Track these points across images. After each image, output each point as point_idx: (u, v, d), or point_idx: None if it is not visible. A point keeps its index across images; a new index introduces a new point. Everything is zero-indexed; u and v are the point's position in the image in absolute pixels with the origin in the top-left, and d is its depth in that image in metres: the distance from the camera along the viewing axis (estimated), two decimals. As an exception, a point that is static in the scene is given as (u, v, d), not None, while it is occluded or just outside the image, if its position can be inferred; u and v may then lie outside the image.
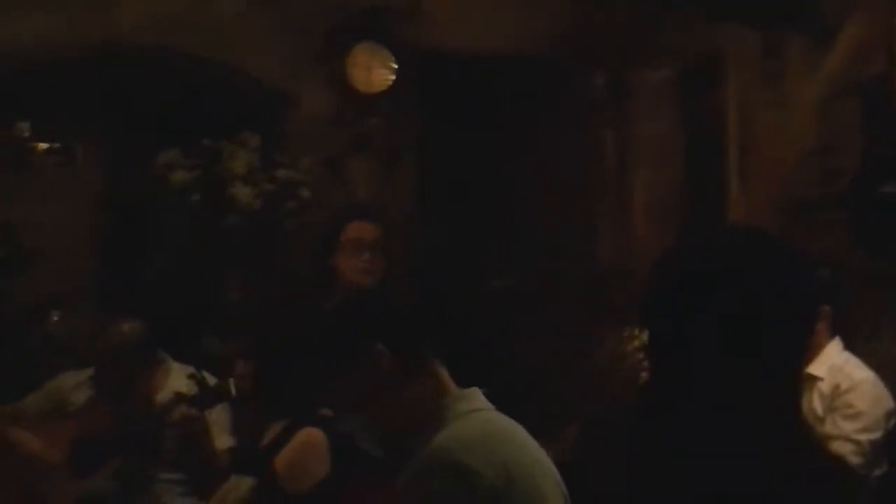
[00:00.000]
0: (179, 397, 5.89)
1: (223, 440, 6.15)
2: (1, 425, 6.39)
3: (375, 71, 8.47)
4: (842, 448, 5.47)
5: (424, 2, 8.61)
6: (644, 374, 6.36)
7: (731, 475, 2.56)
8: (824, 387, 5.81)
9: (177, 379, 6.22)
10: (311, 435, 5.17)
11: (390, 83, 8.48)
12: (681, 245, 3.06)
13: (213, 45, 8.37)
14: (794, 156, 6.90)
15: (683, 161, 8.17)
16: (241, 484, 5.25)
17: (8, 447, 6.30)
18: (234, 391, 5.73)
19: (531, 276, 9.16)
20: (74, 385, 6.51)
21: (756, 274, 2.66)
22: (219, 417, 6.13)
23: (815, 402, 5.74)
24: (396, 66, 8.48)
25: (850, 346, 6.04)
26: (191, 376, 6.02)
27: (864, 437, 5.73)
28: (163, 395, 6.15)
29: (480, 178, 9.22)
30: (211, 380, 5.95)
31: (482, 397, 3.86)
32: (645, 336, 6.96)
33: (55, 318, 7.84)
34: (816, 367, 5.74)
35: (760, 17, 7.04)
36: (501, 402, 3.94)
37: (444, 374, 3.86)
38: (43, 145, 8.42)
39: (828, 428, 5.65)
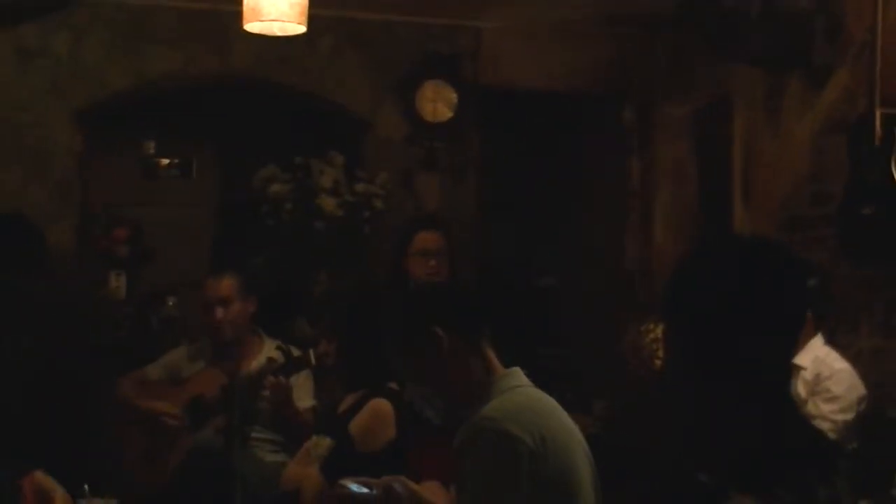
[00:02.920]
0: (271, 361, 5.98)
1: (306, 401, 6.23)
2: (130, 391, 6.48)
3: (439, 104, 8.50)
4: (821, 425, 5.45)
5: (485, 46, 8.63)
6: (657, 362, 6.36)
7: (737, 435, 2.58)
8: (807, 375, 5.80)
9: (269, 350, 6.32)
10: (381, 404, 5.19)
11: (450, 116, 8.50)
12: (697, 252, 3.07)
13: (308, 79, 8.43)
14: (790, 181, 6.88)
15: (697, 182, 8.16)
16: (322, 443, 5.27)
17: (137, 409, 6.39)
18: (313, 360, 5.79)
19: (571, 276, 9.17)
20: (187, 356, 6.59)
21: (761, 278, 2.67)
22: (303, 383, 6.21)
23: (799, 388, 5.73)
24: (457, 101, 8.50)
25: (834, 338, 6.03)
26: (278, 348, 6.10)
27: (839, 417, 5.73)
28: (257, 362, 6.23)
29: (530, 193, 9.24)
30: (295, 352, 6.02)
31: (523, 376, 3.89)
32: (659, 330, 6.94)
33: (170, 303, 7.89)
34: (801, 359, 5.73)
35: (764, 63, 7.03)
36: (542, 380, 3.96)
37: (493, 355, 3.89)
38: (165, 160, 8.50)
39: (809, 409, 5.65)
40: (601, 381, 8.08)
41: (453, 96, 8.52)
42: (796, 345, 2.84)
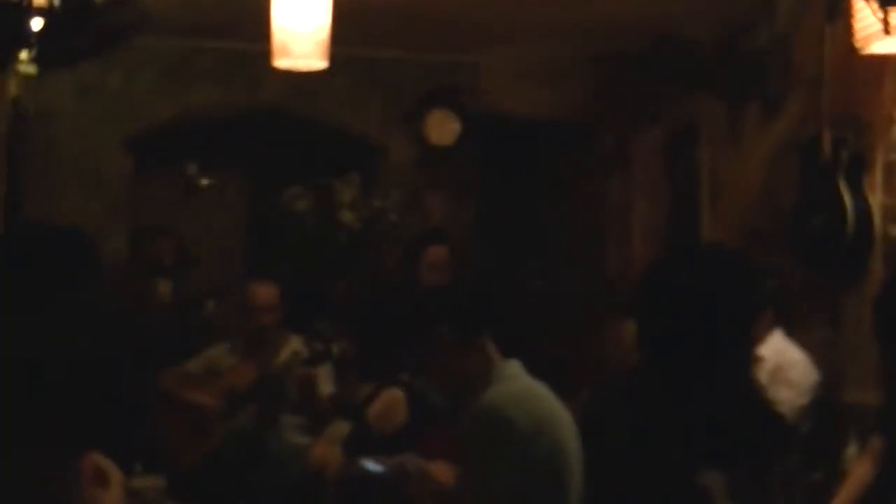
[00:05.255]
0: (296, 355, 5.98)
1: (326, 388, 6.20)
2: (174, 384, 6.44)
3: (444, 130, 8.53)
4: (780, 409, 5.43)
5: (483, 80, 8.66)
6: (636, 356, 6.32)
7: (707, 417, 2.58)
8: (768, 365, 5.77)
9: (294, 345, 6.30)
10: (394, 393, 5.18)
11: (453, 140, 8.53)
12: (664, 259, 3.07)
13: (329, 110, 8.46)
14: (750, 197, 6.88)
15: (669, 199, 8.16)
16: (342, 427, 5.27)
17: (181, 399, 6.35)
18: (335, 352, 5.80)
19: (559, 280, 9.16)
20: (223, 352, 6.57)
21: (722, 281, 2.67)
22: (324, 373, 6.18)
23: (761, 376, 5.68)
24: (459, 128, 8.54)
25: (790, 333, 6.01)
26: (305, 343, 6.10)
27: (797, 402, 5.69)
28: (284, 356, 6.21)
29: (523, 208, 9.23)
30: (319, 346, 6.01)
31: (519, 366, 3.89)
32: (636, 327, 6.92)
33: (210, 305, 7.88)
34: (763, 350, 5.69)
35: (725, 95, 7.04)
36: (534, 371, 3.96)
37: (492, 347, 3.89)
38: (204, 180, 8.50)
39: (770, 395, 5.61)
40: (586, 374, 8.06)
41: (455, 124, 8.56)
42: (753, 336, 2.83)
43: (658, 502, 2.55)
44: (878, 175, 5.72)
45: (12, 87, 6.16)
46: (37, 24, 5.38)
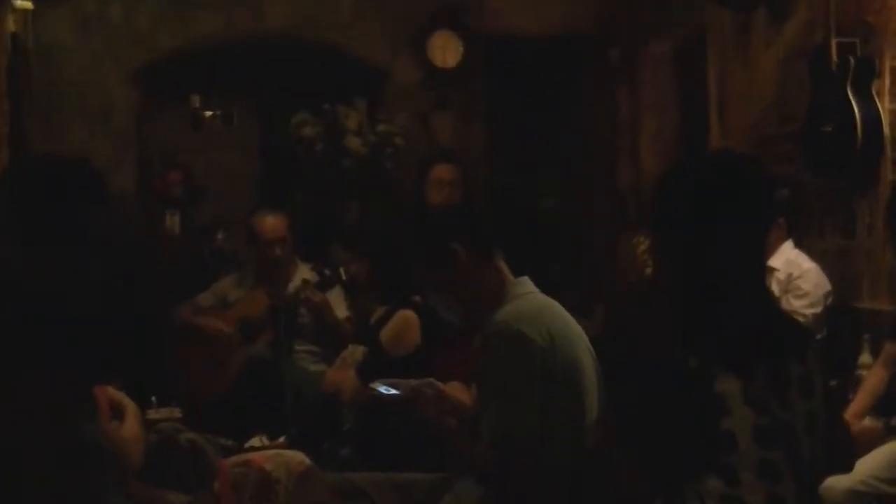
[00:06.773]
0: (306, 282, 6.00)
1: (341, 312, 6.22)
2: (189, 316, 6.44)
3: (448, 51, 8.52)
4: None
5: (487, -1, 8.65)
6: (648, 270, 6.33)
7: (721, 325, 2.58)
8: (780, 275, 5.77)
9: (303, 272, 6.31)
10: (407, 314, 5.20)
11: (458, 61, 8.50)
12: (676, 167, 3.06)
13: (332, 34, 8.44)
14: (759, 105, 6.85)
15: (678, 110, 8.14)
16: (357, 351, 5.29)
17: (195, 326, 6.36)
18: (343, 276, 5.82)
19: (571, 198, 9.16)
20: (233, 284, 6.58)
21: (734, 185, 2.67)
22: (336, 297, 6.20)
23: (773, 287, 5.69)
24: (463, 48, 8.52)
25: (802, 242, 6.02)
26: (312, 268, 6.13)
27: (809, 311, 5.70)
28: (293, 284, 6.22)
29: (531, 128, 9.21)
30: (327, 271, 6.04)
31: (531, 283, 3.89)
32: (648, 242, 6.93)
33: (220, 236, 7.89)
34: (774, 261, 5.69)
35: (731, 3, 6.98)
36: (548, 291, 3.95)
37: (504, 267, 3.88)
38: (208, 112, 8.50)
39: (783, 305, 5.61)
40: (600, 289, 8.07)
41: (459, 45, 8.54)
42: (766, 243, 2.83)
43: (675, 410, 2.56)
44: (886, 80, 5.68)
45: (10, 23, 6.15)
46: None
